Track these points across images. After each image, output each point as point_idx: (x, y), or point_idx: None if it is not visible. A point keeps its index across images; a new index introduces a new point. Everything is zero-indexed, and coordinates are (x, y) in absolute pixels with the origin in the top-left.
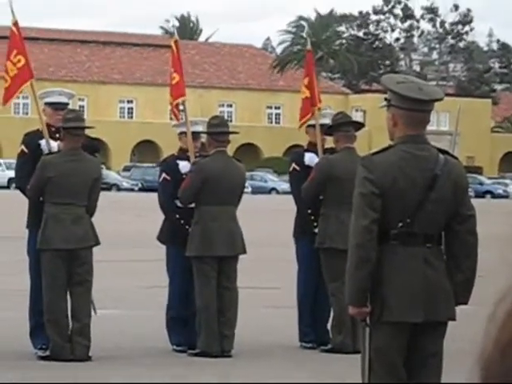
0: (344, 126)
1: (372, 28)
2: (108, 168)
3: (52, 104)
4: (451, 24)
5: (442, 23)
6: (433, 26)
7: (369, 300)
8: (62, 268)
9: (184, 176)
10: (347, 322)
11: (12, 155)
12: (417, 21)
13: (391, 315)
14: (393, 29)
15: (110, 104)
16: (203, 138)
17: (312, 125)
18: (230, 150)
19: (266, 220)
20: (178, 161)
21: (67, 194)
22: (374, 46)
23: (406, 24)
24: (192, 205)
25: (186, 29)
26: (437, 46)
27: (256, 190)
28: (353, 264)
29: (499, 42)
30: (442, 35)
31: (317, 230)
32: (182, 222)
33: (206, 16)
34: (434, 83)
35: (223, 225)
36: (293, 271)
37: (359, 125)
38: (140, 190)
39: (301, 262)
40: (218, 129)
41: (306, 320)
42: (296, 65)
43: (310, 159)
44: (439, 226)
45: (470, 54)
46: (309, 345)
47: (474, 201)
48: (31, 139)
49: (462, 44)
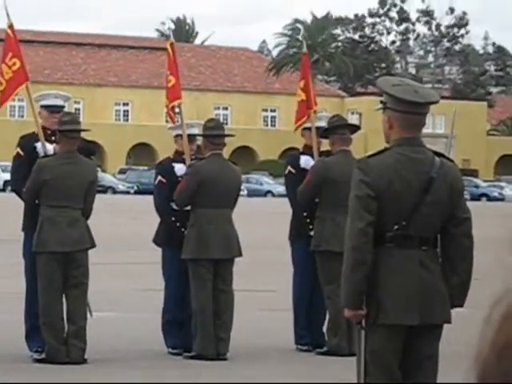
0: (340, 129)
1: (368, 31)
2: (104, 171)
3: (48, 107)
4: (447, 27)
5: (438, 26)
6: (428, 29)
7: (364, 303)
8: (58, 271)
9: (180, 179)
10: (343, 325)
11: (7, 158)
12: (412, 24)
13: (387, 318)
14: (388, 32)
15: (106, 107)
16: (199, 141)
17: (308, 128)
18: (226, 153)
19: (262, 223)
20: (174, 163)
21: (63, 197)
22: (370, 49)
23: (402, 27)
24: (188, 207)
25: (182, 31)
26: (432, 49)
27: (252, 193)
28: (348, 267)
29: (495, 45)
30: (438, 38)
31: (312, 233)
32: (178, 225)
33: (202, 19)
34: (430, 86)
35: (219, 227)
36: (288, 274)
37: (355, 127)
38: (136, 193)
39: (296, 265)
40: (214, 131)
41: (302, 323)
42: (292, 67)
43: (306, 162)
44: (435, 229)
45: (466, 57)
46: (304, 347)
47: (470, 204)
48: (27, 142)
49: (458, 47)
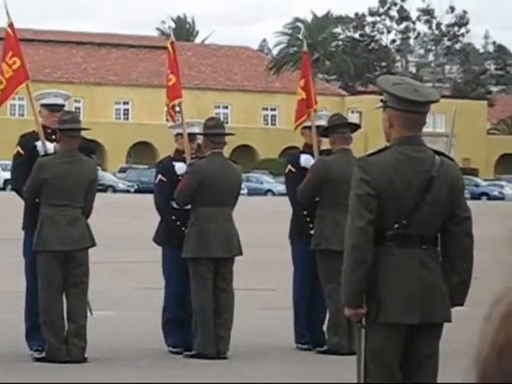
0: (340, 128)
1: (368, 30)
2: (104, 169)
3: (48, 106)
4: (447, 26)
5: (438, 25)
6: (429, 28)
7: (365, 301)
8: (58, 269)
9: (180, 177)
10: (343, 324)
11: (8, 157)
12: (413, 22)
13: (387, 316)
14: (389, 30)
15: (106, 105)
16: (199, 140)
17: (308, 126)
18: (226, 152)
19: (262, 222)
20: (174, 162)
21: (63, 196)
22: (370, 48)
23: (402, 26)
24: (188, 206)
25: (182, 30)
26: (433, 48)
27: (252, 192)
28: (349, 265)
29: (495, 44)
30: (438, 37)
31: (312, 232)
32: (178, 224)
33: (202, 18)
34: (430, 85)
35: (219, 226)
36: (288, 273)
37: (355, 126)
38: (136, 192)
39: (296, 264)
40: (214, 130)
41: (302, 321)
42: (292, 66)
43: (306, 161)
44: (435, 228)
45: (466, 56)
46: (305, 346)
47: (470, 203)
48: (27, 141)
49: (458, 46)
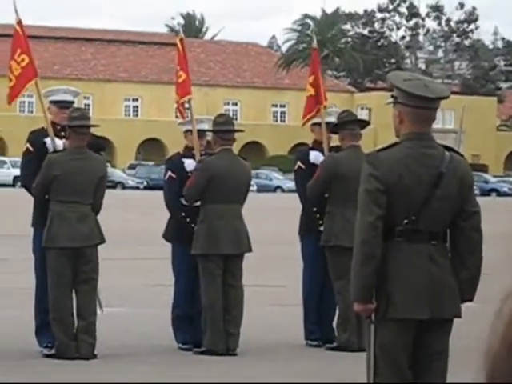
0: (349, 124)
1: (377, 26)
2: (113, 166)
3: (57, 102)
4: (457, 22)
5: (448, 21)
6: (438, 24)
7: (374, 297)
8: (68, 266)
9: (189, 174)
10: (353, 320)
11: (17, 153)
12: (422, 19)
13: (396, 312)
14: (398, 27)
15: (116, 102)
16: (209, 136)
17: (317, 123)
18: (236, 149)
19: (272, 218)
20: (184, 159)
21: (73, 192)
22: (380, 44)
23: (412, 22)
24: (197, 203)
25: (192, 27)
26: (442, 44)
27: (261, 189)
28: (358, 261)
29: (504, 40)
30: (448, 33)
31: (322, 228)
32: (188, 220)
33: (212, 14)
34: (440, 81)
35: (229, 223)
36: (298, 269)
37: (364, 123)
38: (145, 188)
39: (306, 260)
40: (224, 127)
41: (312, 318)
42: (301, 63)
43: (316, 157)
44: (444, 224)
45: (476, 52)
46: (314, 343)
47: (480, 199)
48: (36, 137)
49: (468, 42)
